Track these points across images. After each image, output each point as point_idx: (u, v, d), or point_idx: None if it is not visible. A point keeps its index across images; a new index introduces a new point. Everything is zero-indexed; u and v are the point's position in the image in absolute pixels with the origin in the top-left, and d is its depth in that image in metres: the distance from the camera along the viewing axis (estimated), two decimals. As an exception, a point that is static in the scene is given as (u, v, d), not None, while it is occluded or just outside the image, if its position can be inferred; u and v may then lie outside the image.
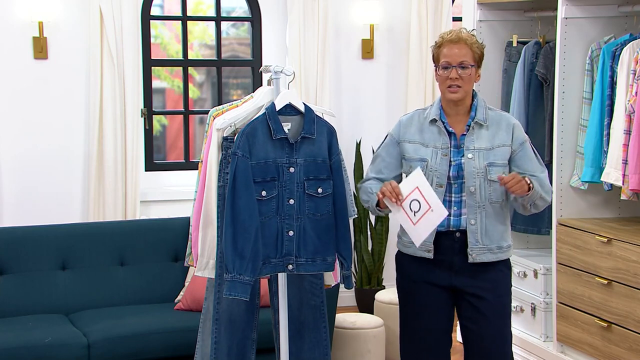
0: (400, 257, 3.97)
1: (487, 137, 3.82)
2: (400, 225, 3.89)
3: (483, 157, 3.79)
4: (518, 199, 3.80)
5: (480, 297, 3.82)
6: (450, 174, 3.78)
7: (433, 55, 3.86)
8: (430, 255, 3.83)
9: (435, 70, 3.85)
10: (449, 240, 3.81)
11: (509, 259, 3.93)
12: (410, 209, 3.72)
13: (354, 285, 4.28)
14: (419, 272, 3.88)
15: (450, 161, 3.79)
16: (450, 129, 3.83)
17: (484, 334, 3.84)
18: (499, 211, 3.84)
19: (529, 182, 3.75)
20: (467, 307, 3.85)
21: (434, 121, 3.84)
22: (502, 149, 3.82)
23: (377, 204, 3.82)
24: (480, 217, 3.79)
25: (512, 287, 4.01)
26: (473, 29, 3.97)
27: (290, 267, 3.95)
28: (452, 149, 3.81)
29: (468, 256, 3.80)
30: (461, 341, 3.96)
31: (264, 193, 3.88)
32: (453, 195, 3.81)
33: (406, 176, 3.86)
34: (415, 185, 3.71)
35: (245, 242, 3.81)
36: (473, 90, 3.86)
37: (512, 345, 3.96)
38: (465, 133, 3.82)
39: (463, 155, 3.79)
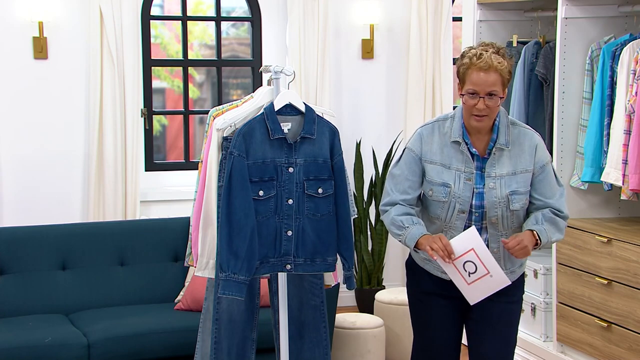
0: (413, 266, 3.83)
1: (509, 160, 3.63)
2: None
3: (505, 185, 3.61)
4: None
5: (489, 299, 3.68)
6: (474, 202, 3.61)
7: (458, 72, 3.61)
8: (447, 277, 3.66)
9: (459, 87, 3.60)
10: None
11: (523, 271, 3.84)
12: (465, 269, 3.53)
13: (355, 285, 4.24)
14: (432, 284, 3.76)
15: (473, 190, 3.61)
16: (474, 150, 3.63)
17: (486, 337, 3.77)
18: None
19: (537, 237, 3.58)
20: (475, 309, 3.75)
21: (457, 142, 3.63)
22: (524, 174, 3.63)
23: (416, 246, 3.59)
24: (500, 244, 3.64)
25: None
26: (503, 47, 3.67)
27: (288, 267, 3.95)
28: (475, 171, 3.62)
29: None
30: (466, 343, 3.91)
31: (261, 193, 3.87)
32: (473, 222, 3.64)
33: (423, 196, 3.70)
34: (471, 247, 3.50)
35: (241, 242, 3.81)
36: None
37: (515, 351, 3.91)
38: (486, 157, 3.63)
39: (484, 185, 3.61)
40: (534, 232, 3.60)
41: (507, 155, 3.63)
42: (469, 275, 3.53)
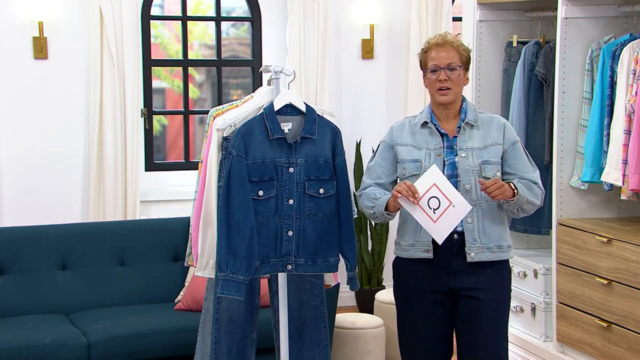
0: (398, 263, 3.92)
1: (478, 137, 3.82)
2: (398, 230, 3.87)
3: (477, 156, 3.79)
4: (503, 205, 3.79)
5: (475, 299, 3.78)
6: (445, 173, 3.76)
7: (420, 62, 3.87)
8: (430, 255, 3.79)
9: (424, 76, 3.86)
10: (447, 242, 3.75)
11: (508, 261, 3.89)
12: (429, 206, 3.67)
13: (359, 286, 4.24)
14: (418, 279, 3.83)
15: (444, 161, 3.79)
16: (442, 130, 3.83)
17: (476, 336, 3.80)
18: (495, 210, 3.81)
19: (513, 187, 3.74)
20: (462, 308, 3.81)
21: (425, 124, 3.84)
22: (494, 147, 3.81)
23: (386, 208, 3.78)
24: (477, 216, 3.77)
25: (513, 288, 3.98)
26: (458, 33, 4.02)
27: (289, 267, 3.95)
28: (445, 149, 3.81)
29: (466, 256, 3.77)
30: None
31: (260, 193, 3.87)
32: None
33: (399, 180, 3.83)
34: (433, 182, 3.67)
35: (239, 242, 3.81)
36: (462, 95, 3.87)
37: (509, 350, 3.90)
38: (456, 135, 3.81)
39: (457, 155, 3.79)
40: (510, 182, 3.77)
41: (476, 132, 3.83)
42: (434, 212, 3.67)
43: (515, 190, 3.73)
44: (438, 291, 3.81)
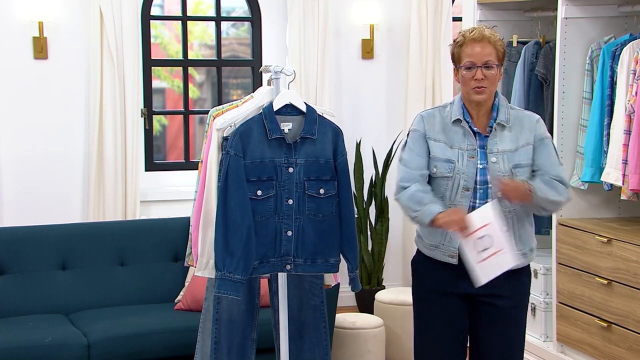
0: (418, 260, 3.79)
1: (510, 139, 3.63)
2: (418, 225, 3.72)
3: (507, 160, 3.61)
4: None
5: (494, 306, 3.68)
6: (478, 179, 3.61)
7: (453, 55, 3.64)
8: (455, 261, 3.63)
9: (456, 70, 3.65)
10: None
11: (529, 266, 3.79)
12: (478, 245, 3.46)
13: (361, 287, 4.20)
14: (437, 281, 3.71)
15: (477, 165, 3.61)
16: (475, 128, 3.63)
17: (491, 344, 3.72)
18: (527, 211, 3.67)
19: (529, 188, 3.57)
20: (479, 313, 3.72)
21: (458, 121, 3.64)
22: (526, 148, 3.64)
23: (432, 222, 3.56)
24: (512, 223, 3.62)
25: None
26: (494, 26, 3.78)
27: (288, 267, 3.94)
28: (479, 149, 3.62)
29: None
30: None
31: (259, 192, 3.87)
32: (478, 201, 3.60)
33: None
34: (489, 221, 3.45)
35: (237, 241, 3.81)
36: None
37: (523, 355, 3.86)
38: (487, 135, 3.63)
39: (487, 161, 3.60)
40: (526, 182, 3.58)
41: (507, 133, 3.64)
42: (482, 252, 3.46)
43: (531, 190, 3.56)
44: (456, 294, 3.70)
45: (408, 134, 3.73)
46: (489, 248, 3.46)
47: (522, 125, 3.67)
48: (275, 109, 3.90)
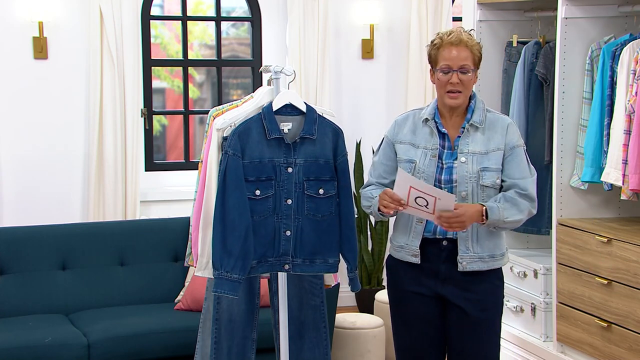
0: (390, 262, 3.84)
1: (482, 141, 3.66)
2: (392, 227, 3.81)
3: (477, 162, 3.64)
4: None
5: (464, 311, 3.69)
6: (442, 178, 3.65)
7: (430, 56, 3.68)
8: (417, 261, 3.69)
9: (432, 72, 3.69)
10: (436, 248, 3.68)
11: (501, 269, 3.78)
12: (419, 205, 3.55)
13: (360, 287, 4.21)
14: (407, 280, 3.75)
15: (442, 164, 3.66)
16: (444, 130, 3.68)
17: (464, 347, 3.72)
18: (485, 230, 3.67)
19: (483, 213, 3.56)
20: (452, 318, 3.73)
21: (426, 120, 3.70)
22: (496, 152, 3.66)
23: (379, 209, 3.68)
24: (472, 224, 3.63)
25: (513, 288, 3.95)
26: (472, 29, 3.81)
27: (286, 267, 3.94)
28: (445, 150, 3.67)
29: (458, 264, 3.66)
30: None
31: (257, 192, 3.87)
32: None
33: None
34: (408, 185, 3.54)
35: (234, 241, 3.81)
36: (472, 91, 3.72)
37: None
38: (460, 135, 3.67)
39: (456, 159, 3.65)
40: (484, 207, 3.59)
41: (480, 135, 3.68)
42: (427, 207, 3.55)
43: (484, 217, 3.57)
44: (427, 295, 3.73)
45: (383, 138, 3.86)
46: (429, 203, 3.54)
47: (494, 129, 3.70)
48: (275, 109, 3.90)
